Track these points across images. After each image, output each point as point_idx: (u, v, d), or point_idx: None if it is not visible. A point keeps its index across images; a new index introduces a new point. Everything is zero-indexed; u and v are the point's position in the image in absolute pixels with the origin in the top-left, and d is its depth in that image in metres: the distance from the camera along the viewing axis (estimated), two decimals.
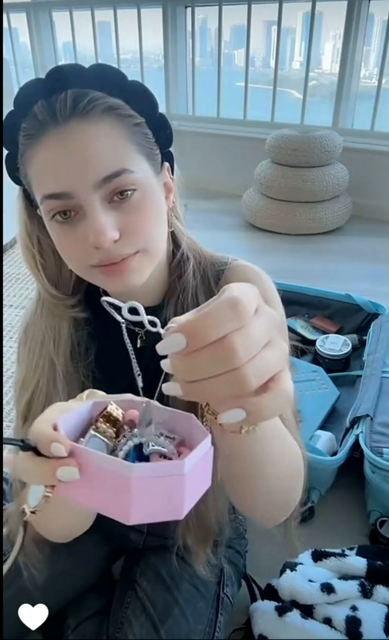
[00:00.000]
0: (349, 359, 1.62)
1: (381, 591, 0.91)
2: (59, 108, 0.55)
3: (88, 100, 0.56)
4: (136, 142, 0.59)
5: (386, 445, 1.16)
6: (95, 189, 0.56)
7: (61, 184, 0.56)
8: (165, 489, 0.36)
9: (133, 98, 0.60)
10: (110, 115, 0.57)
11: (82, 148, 0.56)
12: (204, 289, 0.71)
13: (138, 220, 0.59)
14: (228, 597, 0.88)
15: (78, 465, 0.38)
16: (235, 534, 0.99)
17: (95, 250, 0.57)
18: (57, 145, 0.56)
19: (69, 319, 0.72)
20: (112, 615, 0.84)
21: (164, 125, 0.64)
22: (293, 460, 0.60)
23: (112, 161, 0.56)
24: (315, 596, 0.91)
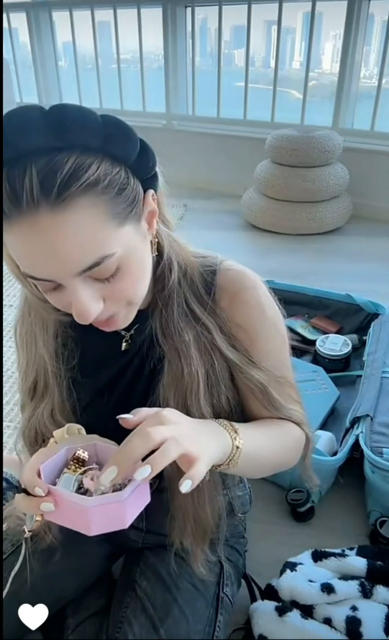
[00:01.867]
0: (349, 359, 1.62)
1: (381, 591, 0.91)
2: (24, 198, 0.48)
3: (59, 183, 0.47)
4: (116, 215, 0.53)
5: (386, 445, 1.16)
6: (74, 276, 0.54)
7: (39, 272, 0.54)
8: (112, 511, 0.55)
9: (110, 144, 0.51)
10: (86, 195, 0.50)
11: (56, 242, 0.50)
12: (193, 295, 0.70)
13: (121, 288, 0.58)
14: (227, 597, 0.88)
15: (53, 500, 0.56)
16: (235, 533, 0.99)
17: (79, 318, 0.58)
18: (28, 235, 0.50)
19: (55, 320, 0.72)
20: (112, 615, 0.84)
21: (146, 157, 0.56)
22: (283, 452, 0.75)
23: (90, 252, 0.52)
24: (315, 596, 0.91)
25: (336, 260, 2.61)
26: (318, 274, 2.42)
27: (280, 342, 0.76)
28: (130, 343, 0.74)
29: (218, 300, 0.71)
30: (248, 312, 0.72)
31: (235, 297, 0.71)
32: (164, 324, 0.69)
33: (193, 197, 3.37)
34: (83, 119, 0.49)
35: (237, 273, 0.72)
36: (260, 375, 0.72)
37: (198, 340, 0.69)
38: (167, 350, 0.69)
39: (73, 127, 0.48)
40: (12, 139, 0.47)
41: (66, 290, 0.56)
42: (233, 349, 0.71)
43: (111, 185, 0.52)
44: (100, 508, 0.54)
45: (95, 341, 0.75)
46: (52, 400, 0.75)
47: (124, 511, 0.55)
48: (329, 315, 1.83)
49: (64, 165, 0.48)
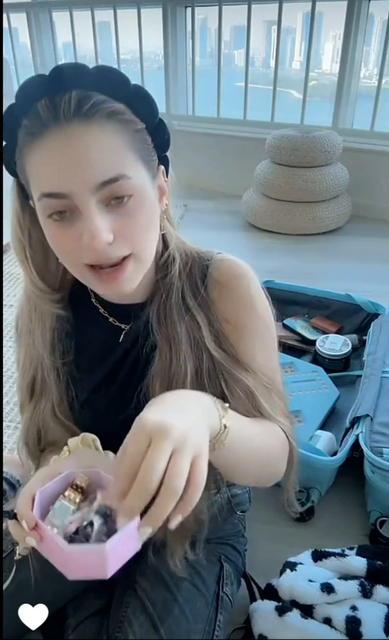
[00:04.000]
0: (349, 359, 1.62)
1: (381, 591, 0.91)
2: (62, 108, 0.55)
3: (92, 103, 0.56)
4: (135, 148, 0.60)
5: (386, 445, 1.16)
6: (92, 192, 0.57)
7: (60, 185, 0.56)
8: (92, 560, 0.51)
9: (135, 103, 0.60)
10: (113, 120, 0.58)
11: (83, 150, 0.56)
12: (190, 287, 0.72)
13: (132, 225, 0.60)
14: (227, 596, 0.88)
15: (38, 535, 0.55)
16: (234, 532, 0.99)
17: (88, 250, 0.58)
18: (58, 145, 0.56)
19: (52, 314, 0.73)
20: (112, 614, 0.84)
21: (163, 130, 0.65)
22: (270, 444, 0.70)
23: (111, 166, 0.57)
24: (315, 596, 0.91)
25: (336, 260, 2.61)
26: (318, 274, 2.42)
27: (269, 340, 0.75)
28: (128, 334, 0.75)
29: (210, 291, 0.72)
30: (236, 302, 0.72)
31: (225, 285, 0.72)
32: (160, 312, 0.70)
33: (193, 197, 3.37)
34: (119, 77, 0.59)
35: (229, 263, 0.74)
36: (247, 378, 0.71)
37: (189, 334, 0.70)
38: (159, 339, 0.70)
39: (109, 80, 0.58)
40: (60, 77, 0.56)
41: (80, 218, 0.58)
42: (220, 348, 0.71)
43: (134, 124, 0.60)
44: (79, 555, 0.52)
45: (94, 334, 0.76)
46: (51, 397, 0.75)
47: (105, 562, 0.51)
48: (329, 315, 1.83)
49: (98, 96, 0.57)
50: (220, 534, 0.95)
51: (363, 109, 3.17)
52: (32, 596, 0.78)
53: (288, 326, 1.78)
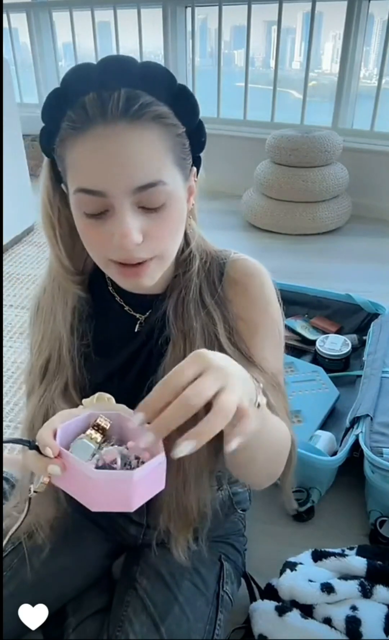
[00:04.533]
0: (349, 359, 1.62)
1: (381, 591, 0.91)
2: (110, 107, 0.55)
3: (140, 104, 0.56)
4: (174, 153, 0.61)
5: (386, 445, 1.16)
6: (129, 194, 0.57)
7: (98, 183, 0.57)
8: (119, 488, 0.50)
9: (179, 105, 0.60)
10: (157, 123, 0.58)
11: (126, 152, 0.56)
12: (207, 285, 0.73)
13: (162, 229, 0.61)
14: (227, 595, 0.88)
15: (62, 464, 0.53)
16: (234, 531, 0.99)
17: (118, 249, 0.60)
18: (102, 143, 0.56)
19: (74, 294, 0.75)
20: (113, 614, 0.84)
21: (201, 132, 0.66)
22: (281, 439, 0.69)
23: (151, 171, 0.58)
24: (315, 596, 0.91)
25: (336, 260, 2.61)
26: (318, 274, 2.42)
27: (279, 341, 0.77)
28: (143, 325, 0.76)
29: (226, 289, 0.73)
30: (250, 300, 0.73)
31: (239, 284, 0.74)
32: (178, 307, 0.72)
33: None
34: (167, 76, 0.59)
35: (244, 262, 0.76)
36: (258, 376, 0.71)
37: (204, 329, 0.71)
38: (174, 332, 0.71)
39: (156, 78, 0.58)
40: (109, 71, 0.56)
41: (113, 217, 0.59)
42: (234, 346, 0.72)
43: (175, 128, 0.60)
44: (107, 482, 0.50)
45: (111, 321, 0.77)
46: (65, 377, 0.76)
47: (133, 491, 0.50)
48: (329, 315, 1.83)
49: (145, 96, 0.57)
50: (221, 532, 0.95)
51: (363, 109, 3.17)
52: (32, 596, 0.78)
53: (288, 326, 1.77)
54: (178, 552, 0.77)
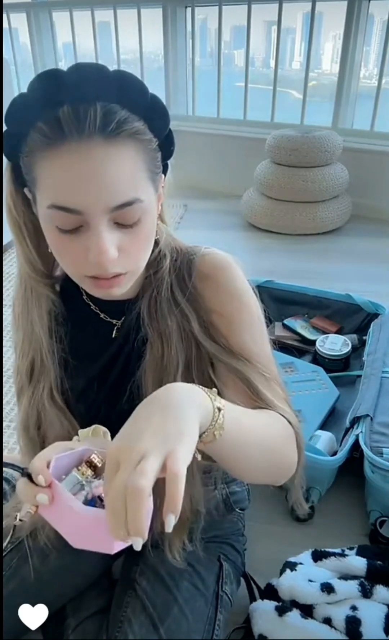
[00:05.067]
0: (349, 359, 1.62)
1: (381, 591, 0.91)
2: (87, 123, 0.54)
3: (116, 121, 0.55)
4: (149, 169, 0.61)
5: (386, 445, 1.16)
6: (107, 212, 0.57)
7: (75, 201, 0.56)
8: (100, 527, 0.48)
9: (152, 116, 0.60)
10: (134, 140, 0.57)
11: (104, 170, 0.55)
12: (178, 282, 0.73)
13: (136, 244, 0.62)
14: (227, 595, 0.88)
15: (50, 494, 0.53)
16: (234, 531, 0.99)
17: (93, 264, 0.59)
18: (78, 160, 0.55)
19: (48, 297, 0.74)
20: (112, 614, 0.84)
21: (171, 141, 0.66)
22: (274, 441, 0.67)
23: (128, 189, 0.57)
24: (315, 596, 0.91)
25: (336, 260, 2.61)
26: (318, 274, 2.42)
27: (259, 329, 0.75)
28: (120, 330, 0.76)
29: (197, 284, 0.73)
30: (221, 292, 0.73)
31: (209, 277, 0.73)
32: (151, 307, 0.72)
33: (193, 197, 3.37)
34: (139, 87, 0.58)
35: (212, 256, 0.75)
36: (242, 367, 0.70)
37: (180, 327, 0.71)
38: (150, 333, 0.71)
39: (129, 89, 0.57)
40: (80, 82, 0.54)
41: (88, 232, 0.58)
42: (211, 340, 0.72)
43: (150, 143, 0.60)
44: (88, 519, 0.50)
45: (87, 327, 0.77)
46: (49, 379, 0.76)
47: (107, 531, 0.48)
48: (329, 315, 1.83)
49: (121, 111, 0.56)
50: (219, 532, 0.95)
51: (363, 109, 3.17)
52: (32, 596, 0.78)
53: (288, 326, 1.78)
54: (173, 554, 0.77)
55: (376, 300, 1.76)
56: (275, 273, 2.01)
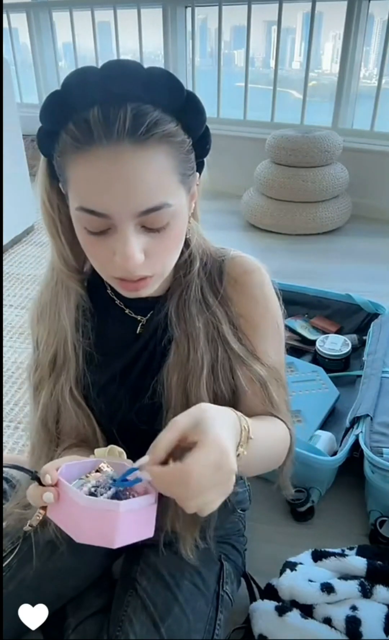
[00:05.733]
0: (349, 359, 1.62)
1: (381, 591, 0.91)
2: (116, 127, 0.53)
3: (147, 124, 0.54)
4: (180, 172, 0.60)
5: (386, 445, 1.16)
6: (133, 217, 0.57)
7: (102, 206, 0.56)
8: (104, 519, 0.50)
9: (187, 116, 0.58)
10: (165, 143, 0.56)
11: (131, 176, 0.55)
12: (209, 285, 0.74)
13: (164, 248, 0.62)
14: (227, 595, 0.88)
15: (56, 493, 0.54)
16: (234, 531, 0.99)
17: (119, 267, 0.60)
18: (106, 165, 0.54)
19: (77, 292, 0.75)
20: (113, 614, 0.84)
21: (207, 139, 0.64)
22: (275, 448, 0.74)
23: (156, 194, 0.57)
24: (315, 596, 0.91)
25: (336, 260, 2.61)
26: (318, 274, 2.42)
27: (280, 337, 0.78)
28: (145, 327, 0.76)
29: (226, 287, 0.74)
30: (249, 297, 0.74)
31: (238, 281, 0.74)
32: (179, 308, 0.72)
33: None
34: (174, 84, 0.56)
35: (241, 259, 0.77)
36: (262, 370, 0.73)
37: (207, 329, 0.72)
38: (177, 333, 0.72)
39: (164, 88, 0.55)
40: (113, 81, 0.53)
41: (115, 235, 0.58)
42: (239, 342, 0.73)
43: (183, 145, 0.59)
44: (92, 512, 0.51)
45: (111, 323, 0.78)
46: (70, 373, 0.76)
47: (118, 524, 0.50)
48: (329, 315, 1.83)
49: (153, 112, 0.54)
50: (220, 532, 0.95)
51: (363, 109, 3.17)
52: (32, 596, 0.78)
53: (288, 326, 1.77)
54: (186, 551, 0.78)
55: (376, 300, 1.76)
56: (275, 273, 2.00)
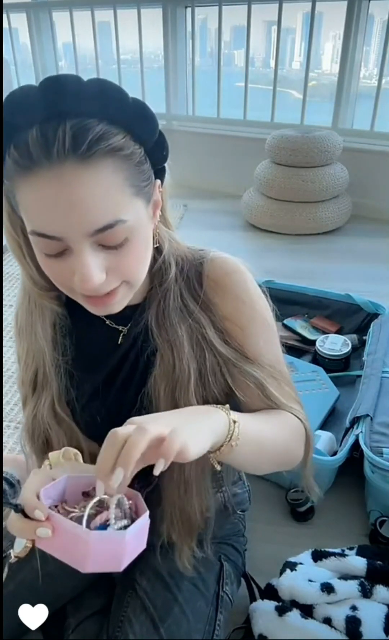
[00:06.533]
0: (349, 359, 1.62)
1: (381, 591, 0.91)
2: (55, 146, 0.50)
3: (88, 141, 0.51)
4: (133, 184, 0.57)
5: (386, 445, 1.16)
6: (86, 237, 0.55)
7: (52, 228, 0.55)
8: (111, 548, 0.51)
9: (135, 124, 0.56)
10: (111, 157, 0.54)
11: (77, 196, 0.52)
12: (188, 290, 0.72)
13: (125, 264, 0.60)
14: (227, 596, 0.88)
15: (51, 526, 0.53)
16: (234, 532, 0.99)
17: (80, 287, 0.58)
18: (49, 186, 0.52)
19: (52, 310, 0.74)
20: (112, 614, 0.84)
21: (162, 145, 0.61)
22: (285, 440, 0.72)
23: (106, 212, 0.54)
24: (315, 596, 0.91)
25: (336, 260, 2.61)
26: (318, 274, 2.42)
27: (271, 333, 0.76)
28: (126, 337, 0.75)
29: (207, 291, 0.72)
30: (233, 299, 0.72)
31: (219, 283, 0.72)
32: (159, 317, 0.70)
33: (193, 197, 3.37)
34: (118, 94, 0.54)
35: (220, 260, 0.73)
36: (255, 371, 0.71)
37: (191, 335, 0.70)
38: (159, 343, 0.70)
39: (107, 99, 0.53)
40: (51, 99, 0.51)
41: (72, 255, 0.57)
42: (226, 344, 0.72)
43: (132, 156, 0.56)
44: (102, 543, 0.51)
45: (91, 335, 0.76)
46: (51, 392, 0.75)
47: (124, 552, 0.51)
48: (329, 315, 1.83)
49: (95, 127, 0.52)
50: (220, 533, 0.95)
51: (363, 109, 3.17)
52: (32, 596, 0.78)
53: (288, 326, 1.78)
54: (183, 562, 0.77)
55: (376, 300, 1.76)
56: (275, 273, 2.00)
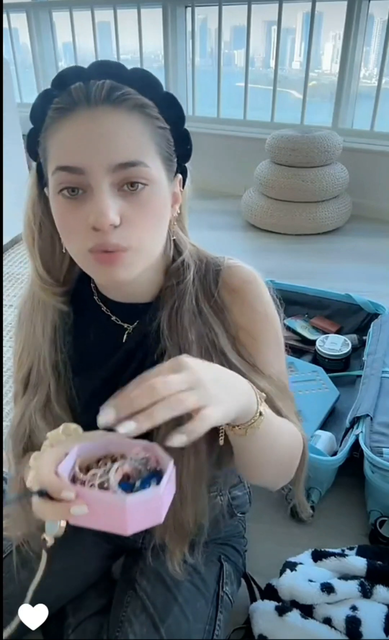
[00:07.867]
0: (349, 359, 1.62)
1: (381, 591, 0.91)
2: (94, 92, 0.57)
3: (122, 92, 0.58)
4: (157, 143, 0.61)
5: (386, 445, 1.16)
6: (108, 172, 0.57)
7: (77, 159, 0.57)
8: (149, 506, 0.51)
9: (164, 105, 0.62)
10: (139, 111, 0.59)
11: (107, 131, 0.57)
12: (204, 293, 0.72)
13: (140, 215, 0.60)
14: (227, 596, 0.88)
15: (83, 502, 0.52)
16: (234, 533, 0.99)
17: (93, 233, 0.58)
18: (84, 123, 0.58)
19: (54, 308, 0.74)
20: (112, 614, 0.84)
21: (186, 140, 0.67)
22: (291, 442, 0.72)
23: (131, 151, 0.58)
24: (315, 596, 0.91)
25: (336, 260, 2.61)
26: (318, 274, 2.42)
27: (280, 346, 0.76)
28: (131, 336, 0.74)
29: (223, 296, 0.72)
30: (249, 308, 0.72)
31: (236, 291, 0.72)
32: (172, 319, 0.70)
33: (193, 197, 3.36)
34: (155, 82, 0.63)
35: (240, 268, 0.74)
36: (262, 381, 0.70)
37: (202, 341, 0.69)
38: (169, 346, 0.69)
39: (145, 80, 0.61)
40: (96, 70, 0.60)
41: (91, 197, 0.58)
42: (238, 355, 0.71)
43: (158, 121, 0.61)
44: (138, 504, 0.50)
45: (96, 331, 0.76)
46: (45, 391, 0.75)
47: (161, 505, 0.52)
48: (329, 315, 1.83)
49: (129, 89, 0.60)
50: (220, 535, 0.95)
51: (363, 109, 3.17)
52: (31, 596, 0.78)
53: (288, 326, 1.78)
54: (173, 566, 0.76)
55: (376, 300, 1.76)
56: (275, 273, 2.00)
